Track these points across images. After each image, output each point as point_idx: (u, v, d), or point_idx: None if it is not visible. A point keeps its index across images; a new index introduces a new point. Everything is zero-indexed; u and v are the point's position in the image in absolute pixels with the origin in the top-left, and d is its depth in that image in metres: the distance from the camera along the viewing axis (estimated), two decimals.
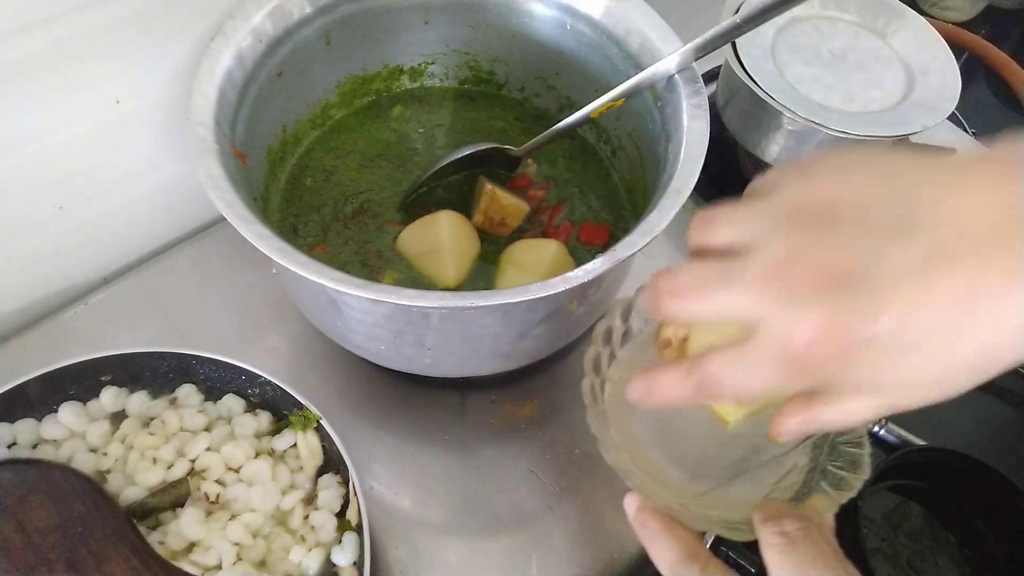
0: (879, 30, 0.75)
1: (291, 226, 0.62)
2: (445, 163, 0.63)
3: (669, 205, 0.50)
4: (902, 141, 0.71)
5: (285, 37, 0.57)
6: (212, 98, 0.49)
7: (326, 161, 0.66)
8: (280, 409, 0.56)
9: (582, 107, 0.60)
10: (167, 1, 0.55)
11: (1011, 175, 0.28)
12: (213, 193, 0.45)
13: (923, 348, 0.28)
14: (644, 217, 0.50)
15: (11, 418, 0.53)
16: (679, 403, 0.34)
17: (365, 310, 0.50)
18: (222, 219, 0.47)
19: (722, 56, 0.72)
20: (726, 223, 0.32)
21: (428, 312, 0.47)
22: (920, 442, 0.72)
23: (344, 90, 0.67)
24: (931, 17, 0.77)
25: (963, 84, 0.70)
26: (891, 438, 0.78)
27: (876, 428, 0.78)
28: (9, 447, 0.53)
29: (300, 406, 0.54)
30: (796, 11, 0.75)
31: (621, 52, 0.63)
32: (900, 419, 0.79)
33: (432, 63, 0.71)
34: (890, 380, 0.30)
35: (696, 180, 0.51)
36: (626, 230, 0.51)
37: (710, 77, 0.85)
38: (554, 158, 0.69)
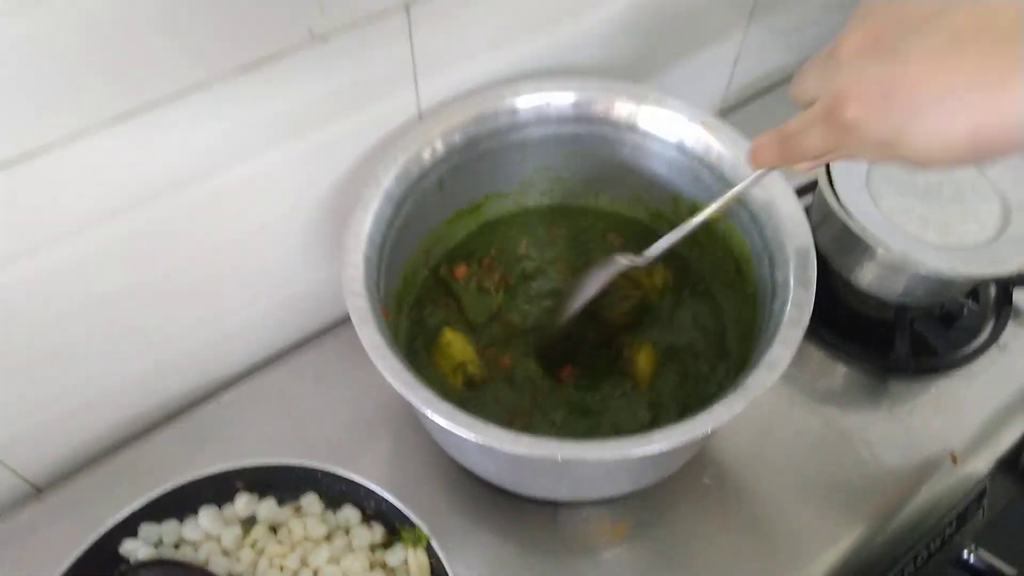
0: None
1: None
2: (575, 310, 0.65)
3: (792, 338, 0.53)
4: None
5: (408, 194, 0.63)
6: (360, 266, 0.55)
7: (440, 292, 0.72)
8: (392, 522, 0.60)
9: (669, 220, 0.65)
10: (308, 156, 0.62)
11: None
12: (379, 363, 0.51)
13: (930, 110, 0.35)
14: (767, 349, 0.53)
15: (158, 519, 0.60)
16: (773, 162, 0.46)
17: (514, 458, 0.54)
18: (342, 322, 0.53)
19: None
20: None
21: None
22: (1011, 571, 0.72)
23: (452, 222, 0.73)
24: None
25: None
26: (981, 565, 0.78)
27: (966, 554, 0.78)
28: (156, 545, 0.59)
29: (411, 523, 0.59)
30: None
31: (713, 175, 0.66)
32: (991, 546, 0.79)
33: (529, 187, 0.76)
34: (897, 131, 0.36)
35: (811, 308, 0.55)
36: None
37: (805, 189, 0.87)
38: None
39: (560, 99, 0.67)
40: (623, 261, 0.61)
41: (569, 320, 0.64)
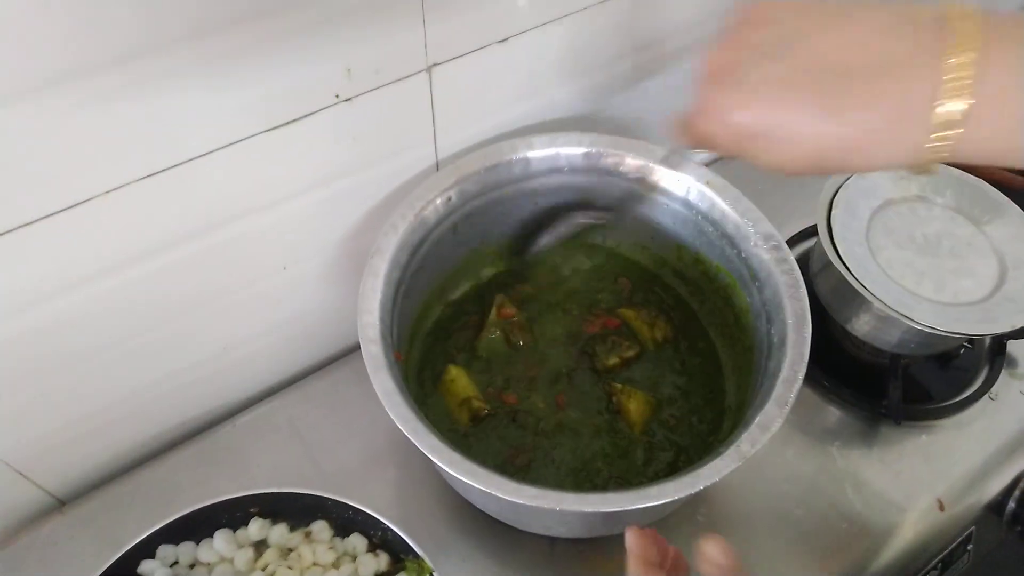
0: (975, 217, 0.78)
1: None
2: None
3: (783, 398, 0.55)
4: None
5: (424, 240, 0.66)
6: (376, 313, 0.58)
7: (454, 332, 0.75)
8: (398, 552, 0.63)
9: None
10: (330, 203, 0.65)
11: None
12: (391, 410, 0.54)
13: (769, 138, 0.39)
14: (762, 405, 0.55)
15: (176, 540, 0.63)
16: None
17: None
18: (355, 349, 0.56)
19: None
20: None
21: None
22: None
23: (466, 264, 0.76)
24: None
25: None
26: None
27: None
28: (172, 566, 0.62)
29: (416, 554, 0.62)
30: (893, 192, 0.79)
31: (716, 231, 0.69)
32: None
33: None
34: (740, 150, 0.41)
35: (805, 369, 0.57)
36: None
37: (807, 235, 0.90)
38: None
39: (571, 151, 0.70)
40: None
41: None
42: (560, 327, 0.76)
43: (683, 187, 0.69)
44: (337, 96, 0.56)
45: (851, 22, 0.38)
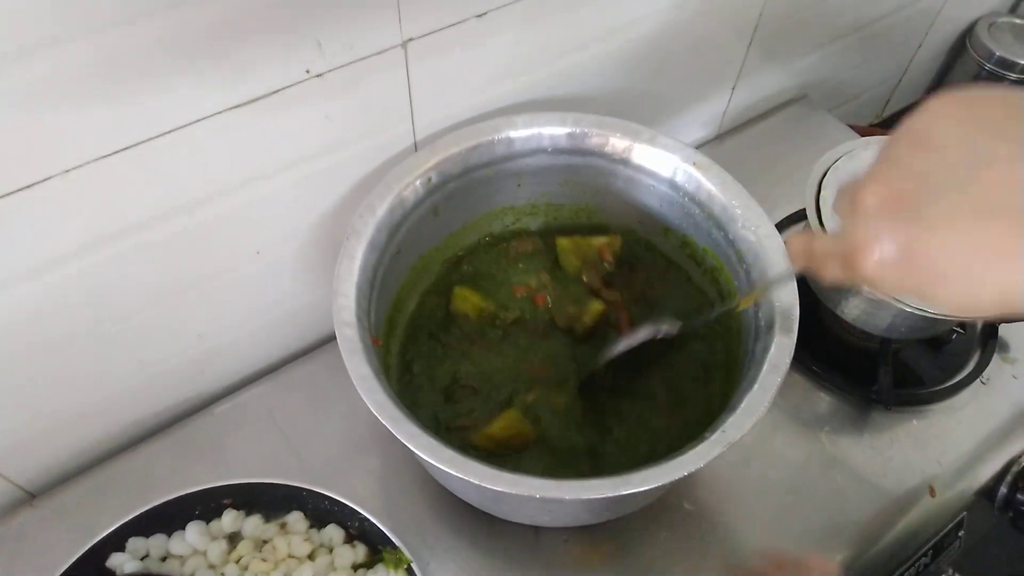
0: None
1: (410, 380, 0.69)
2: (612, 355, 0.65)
3: (770, 383, 0.54)
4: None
5: (403, 222, 0.64)
6: (352, 296, 0.56)
7: (436, 314, 0.73)
8: (375, 543, 0.62)
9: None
10: (305, 184, 0.63)
11: None
12: (365, 395, 0.52)
13: (950, 278, 0.34)
14: (747, 391, 0.54)
15: (147, 532, 0.61)
16: (795, 261, 0.45)
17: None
18: (334, 338, 0.54)
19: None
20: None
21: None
22: None
23: (446, 246, 0.74)
24: None
25: None
26: None
27: None
28: (142, 559, 0.61)
29: (393, 545, 0.60)
30: None
31: (703, 213, 0.67)
32: (967, 571, 0.81)
33: (522, 215, 0.77)
34: (917, 291, 0.36)
35: (792, 355, 0.56)
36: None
37: (796, 219, 0.88)
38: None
39: (555, 131, 0.68)
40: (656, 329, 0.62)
41: None
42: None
43: (669, 168, 0.67)
44: (308, 72, 0.54)
45: None
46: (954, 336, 0.83)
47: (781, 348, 0.55)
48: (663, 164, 0.67)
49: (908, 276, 0.36)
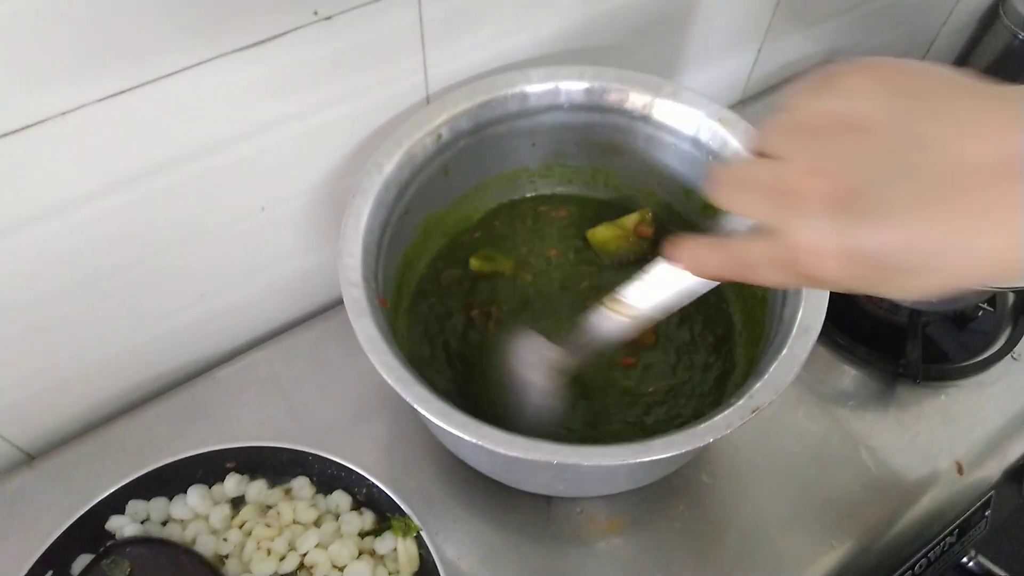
0: None
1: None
2: None
3: (800, 348, 0.51)
4: None
5: (412, 180, 0.61)
6: (358, 255, 0.54)
7: (449, 273, 0.71)
8: (383, 510, 0.60)
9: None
10: (312, 137, 0.60)
11: (1017, 127, 0.29)
12: (373, 357, 0.49)
13: (903, 275, 0.32)
14: (775, 357, 0.51)
15: (147, 496, 0.59)
16: (711, 273, 0.40)
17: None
18: (340, 303, 0.52)
19: None
20: (769, 132, 0.35)
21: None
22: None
23: (457, 206, 0.71)
24: None
25: None
26: (978, 570, 0.77)
27: (965, 560, 0.77)
28: (143, 522, 0.59)
29: (402, 512, 0.58)
30: None
31: None
32: (991, 552, 0.78)
33: (535, 177, 0.74)
34: (865, 286, 0.33)
35: (824, 316, 0.53)
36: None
37: None
38: None
39: (572, 86, 0.65)
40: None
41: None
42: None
43: (692, 125, 0.64)
44: (316, 13, 0.51)
45: (987, 111, 0.30)
46: (980, 313, 0.80)
47: (812, 309, 0.53)
48: (686, 120, 0.64)
49: (856, 274, 0.32)
